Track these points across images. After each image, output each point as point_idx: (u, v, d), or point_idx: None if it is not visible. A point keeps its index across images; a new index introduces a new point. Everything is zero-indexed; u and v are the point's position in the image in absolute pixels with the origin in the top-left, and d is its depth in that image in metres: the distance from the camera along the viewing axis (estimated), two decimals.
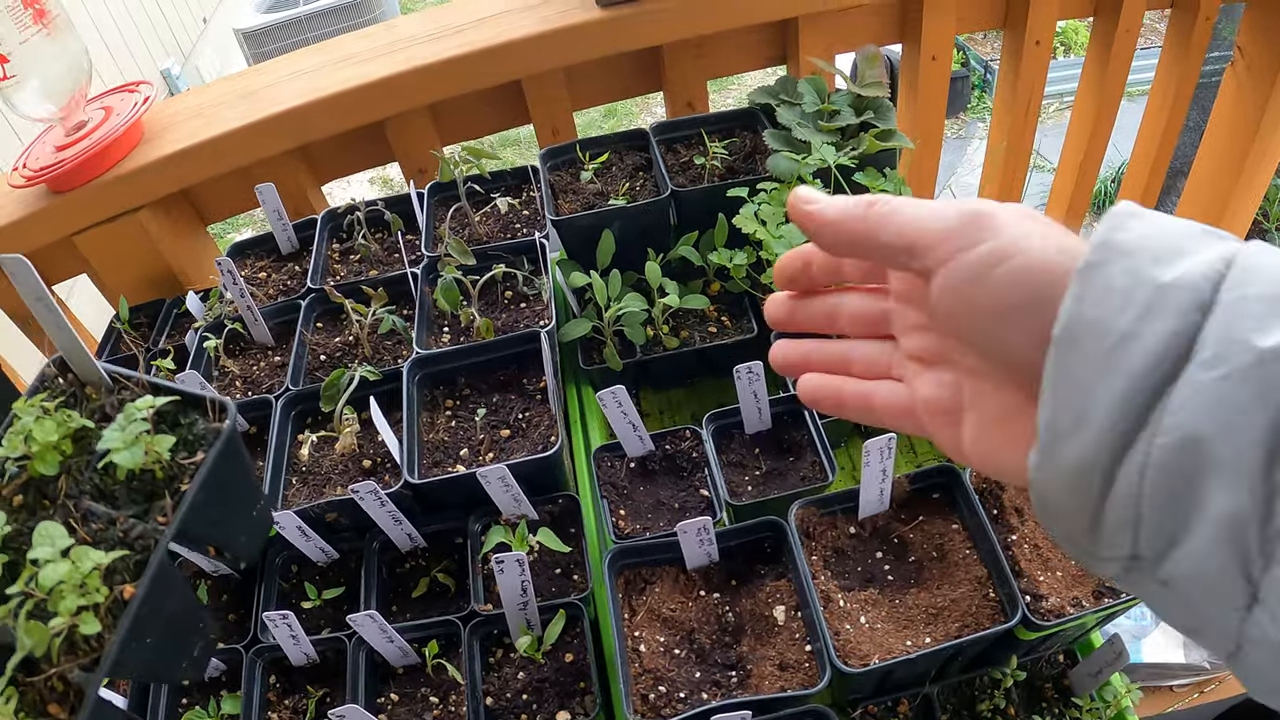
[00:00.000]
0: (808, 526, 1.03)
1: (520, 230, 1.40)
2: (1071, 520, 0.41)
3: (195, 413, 0.79)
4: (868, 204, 0.50)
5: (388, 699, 1.04)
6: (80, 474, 0.75)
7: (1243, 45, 2.04)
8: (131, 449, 0.72)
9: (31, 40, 1.35)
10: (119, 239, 1.54)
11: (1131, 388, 0.38)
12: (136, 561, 0.69)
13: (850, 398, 0.56)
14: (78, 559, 0.66)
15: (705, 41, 1.64)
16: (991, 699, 0.98)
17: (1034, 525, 1.02)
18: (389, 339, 1.32)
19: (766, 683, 0.91)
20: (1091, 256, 0.40)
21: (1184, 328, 0.37)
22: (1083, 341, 0.39)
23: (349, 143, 1.65)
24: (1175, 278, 0.38)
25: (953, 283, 0.46)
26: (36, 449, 0.74)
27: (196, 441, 0.77)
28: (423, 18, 1.65)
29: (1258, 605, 0.36)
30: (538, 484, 1.11)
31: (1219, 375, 0.36)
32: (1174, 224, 0.41)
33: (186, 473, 0.75)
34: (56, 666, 0.65)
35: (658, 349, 1.31)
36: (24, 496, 0.75)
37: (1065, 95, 5.11)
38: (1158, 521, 0.38)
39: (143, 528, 0.71)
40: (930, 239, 0.47)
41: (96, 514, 0.73)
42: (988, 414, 0.49)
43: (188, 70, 5.65)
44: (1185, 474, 0.37)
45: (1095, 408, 0.39)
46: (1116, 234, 0.41)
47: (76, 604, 0.65)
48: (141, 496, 0.74)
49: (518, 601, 0.98)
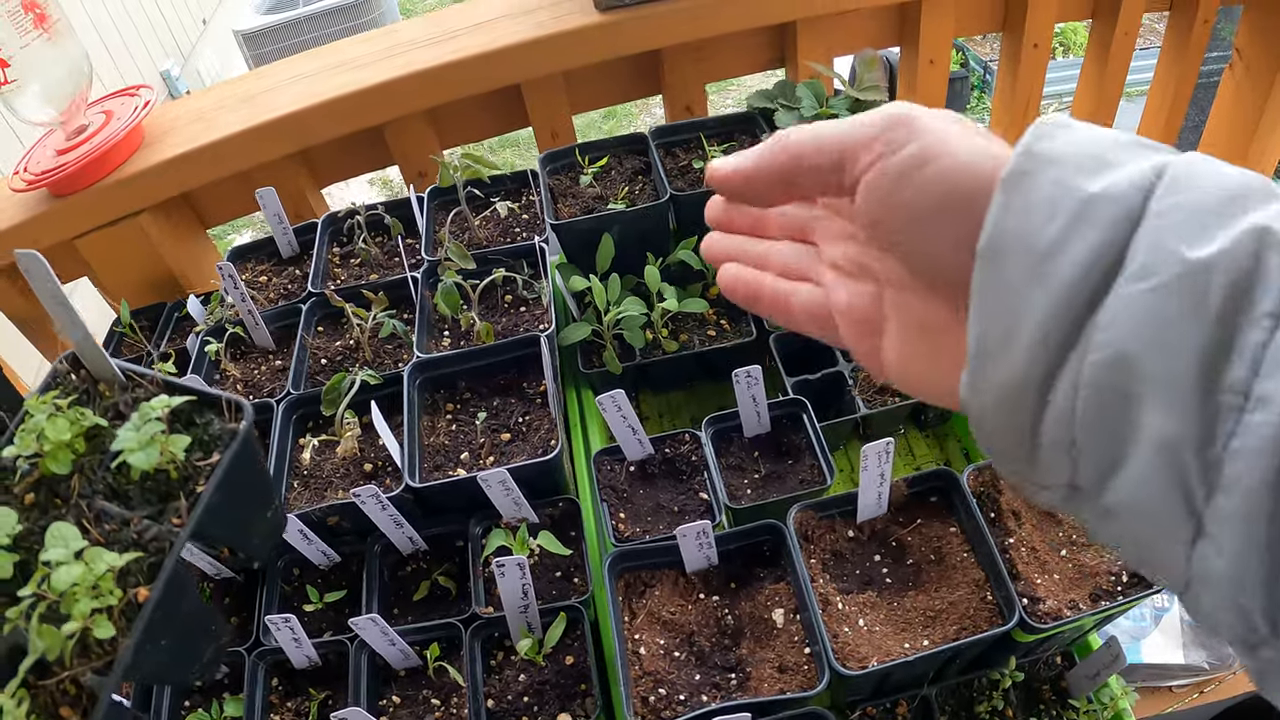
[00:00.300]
0: (806, 530, 1.03)
1: (520, 234, 1.40)
2: (1008, 443, 0.40)
3: (210, 412, 0.78)
4: (782, 136, 0.49)
5: (389, 701, 1.05)
6: (93, 473, 0.75)
7: (1241, 47, 2.05)
8: (146, 450, 0.71)
9: (32, 45, 1.35)
10: (120, 242, 1.55)
11: (1060, 301, 0.36)
12: (150, 564, 0.69)
13: (768, 294, 0.54)
14: (91, 561, 0.65)
15: (704, 45, 1.64)
16: (989, 701, 0.99)
17: (1031, 529, 1.02)
18: (389, 343, 1.32)
19: (766, 685, 0.91)
20: (1016, 165, 0.39)
21: (1113, 239, 0.36)
22: (1009, 254, 0.38)
23: (348, 147, 1.65)
24: (1104, 188, 0.37)
25: (877, 186, 0.45)
26: (49, 447, 0.74)
27: (212, 442, 0.76)
28: (422, 22, 1.65)
29: (1202, 539, 0.34)
30: (538, 487, 1.11)
31: (1148, 287, 0.34)
32: (1103, 134, 0.40)
33: (202, 473, 0.74)
34: (69, 669, 0.64)
35: (657, 352, 1.31)
36: (35, 495, 0.74)
37: (1064, 96, 5.12)
38: (1093, 445, 0.36)
39: (157, 529, 0.70)
40: (855, 146, 0.46)
41: (110, 514, 0.72)
42: (910, 325, 0.47)
43: (187, 71, 5.66)
44: (1119, 393, 0.35)
45: (1024, 323, 0.37)
46: (1042, 143, 0.39)
47: (90, 607, 0.64)
48: (156, 497, 0.74)
49: (518, 604, 0.99)
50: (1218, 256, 0.34)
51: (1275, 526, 0.32)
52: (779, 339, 1.28)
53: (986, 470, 1.06)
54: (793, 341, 1.28)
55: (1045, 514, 1.04)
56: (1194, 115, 3.39)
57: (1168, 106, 2.06)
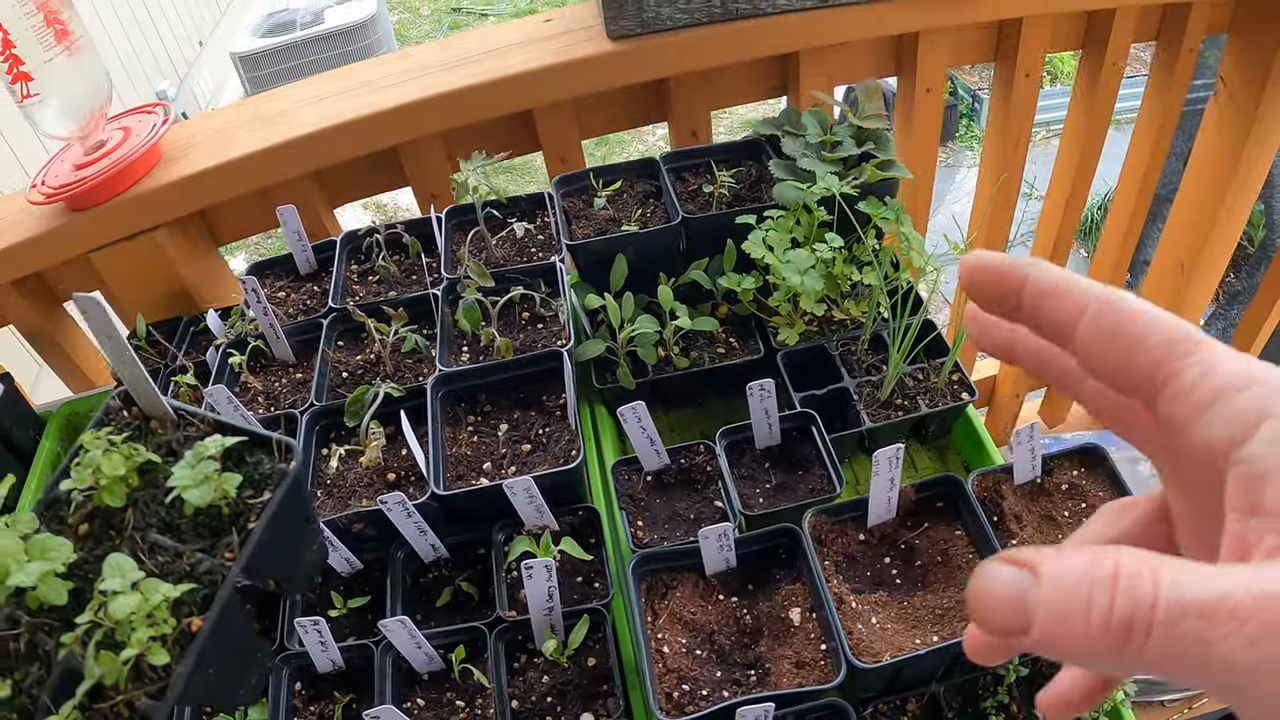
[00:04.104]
0: (820, 534, 1.08)
1: (536, 254, 1.45)
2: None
3: (261, 452, 0.82)
4: (1117, 299, 0.36)
5: (414, 704, 1.08)
6: (147, 507, 0.78)
7: (1225, 75, 2.11)
8: (201, 487, 0.75)
9: (55, 60, 1.39)
10: (135, 257, 1.58)
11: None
12: (204, 595, 0.72)
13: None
14: (147, 591, 0.68)
15: (710, 74, 1.70)
16: (995, 696, 1.03)
17: (1033, 530, 1.07)
18: (409, 357, 1.36)
19: (785, 680, 0.95)
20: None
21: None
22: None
23: (363, 167, 1.69)
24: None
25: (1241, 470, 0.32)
26: (104, 481, 0.77)
27: (263, 481, 0.80)
28: (437, 47, 1.70)
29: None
30: (559, 496, 1.15)
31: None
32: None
33: (252, 510, 0.78)
34: (124, 694, 0.67)
35: (669, 369, 1.36)
36: (90, 525, 0.78)
37: (1053, 124, 5.22)
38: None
39: (210, 563, 0.74)
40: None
41: (164, 547, 0.76)
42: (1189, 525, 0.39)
43: (183, 93, 5.72)
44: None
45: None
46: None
47: (147, 635, 0.67)
48: (208, 531, 0.77)
49: (544, 607, 1.02)
50: None
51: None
52: (786, 356, 1.32)
53: (989, 476, 1.10)
54: (800, 359, 1.33)
55: (1046, 517, 1.09)
56: (1182, 143, 3.48)
57: (1154, 134, 2.12)
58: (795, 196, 1.33)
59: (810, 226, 1.33)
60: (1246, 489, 0.31)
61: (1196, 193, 2.33)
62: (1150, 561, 0.28)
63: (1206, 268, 2.44)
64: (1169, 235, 2.48)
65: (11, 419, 1.51)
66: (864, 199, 1.33)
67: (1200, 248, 2.37)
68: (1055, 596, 0.29)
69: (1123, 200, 2.32)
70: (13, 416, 1.51)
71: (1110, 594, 0.28)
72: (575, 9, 1.70)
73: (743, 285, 1.33)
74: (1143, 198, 2.26)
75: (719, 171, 1.47)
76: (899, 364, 1.25)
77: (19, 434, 1.52)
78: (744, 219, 1.34)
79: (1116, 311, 0.36)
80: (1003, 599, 0.30)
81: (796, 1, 1.57)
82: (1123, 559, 0.29)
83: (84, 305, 0.76)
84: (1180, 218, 2.42)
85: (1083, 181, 2.16)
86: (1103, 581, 0.28)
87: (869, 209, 1.32)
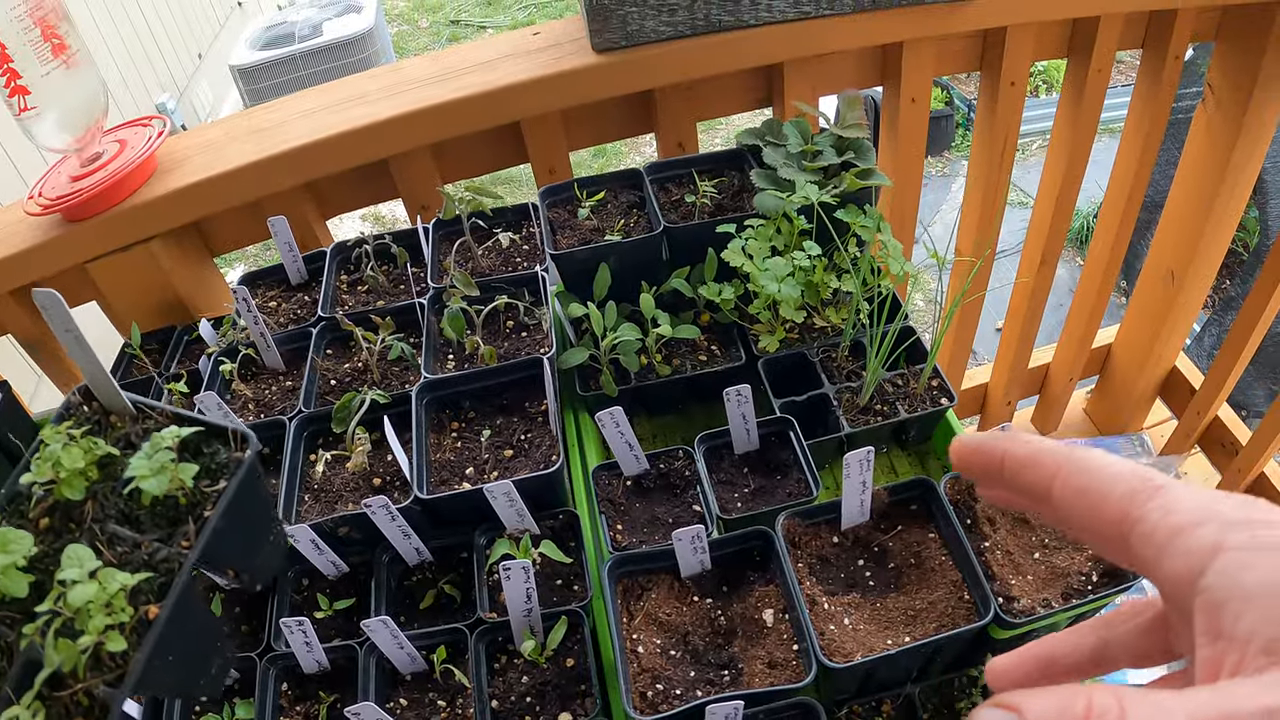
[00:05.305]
0: (793, 536, 1.09)
1: (521, 264, 1.47)
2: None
3: (217, 442, 0.83)
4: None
5: (397, 704, 1.09)
6: (106, 499, 0.79)
7: (1213, 82, 2.13)
8: (158, 477, 0.77)
9: (52, 74, 1.41)
10: (131, 268, 1.60)
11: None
12: (160, 583, 0.73)
13: None
14: (105, 580, 0.70)
15: (695, 85, 1.72)
16: (970, 697, 1.04)
17: (1006, 533, 1.08)
18: (396, 365, 1.38)
19: (757, 679, 0.97)
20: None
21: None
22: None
23: (354, 179, 1.72)
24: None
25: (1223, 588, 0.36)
26: (64, 475, 0.78)
27: (219, 470, 0.81)
28: (427, 60, 1.73)
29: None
30: (540, 500, 1.17)
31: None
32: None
33: (209, 499, 0.79)
34: (83, 682, 0.68)
35: (651, 376, 1.38)
36: (50, 519, 0.79)
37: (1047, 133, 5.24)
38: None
39: (167, 551, 0.75)
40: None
41: (122, 537, 0.77)
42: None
43: (183, 105, 5.77)
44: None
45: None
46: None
47: (104, 623, 0.68)
48: (165, 521, 0.78)
49: (522, 608, 1.04)
50: None
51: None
52: (767, 364, 1.34)
53: (963, 479, 1.12)
54: (780, 366, 1.35)
55: (1019, 519, 1.11)
56: (1174, 151, 3.49)
57: (1142, 141, 2.14)
58: (775, 205, 1.35)
59: (790, 235, 1.35)
60: (1209, 616, 0.35)
61: (1185, 200, 2.35)
62: (1119, 695, 0.32)
63: (1196, 275, 2.46)
64: (1158, 242, 2.49)
65: (9, 428, 1.53)
66: (843, 207, 1.35)
67: (1190, 255, 2.39)
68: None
69: (1111, 207, 2.33)
70: (11, 425, 1.53)
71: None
72: (563, 21, 1.73)
73: (724, 294, 1.35)
74: (1131, 205, 2.28)
75: (701, 182, 1.49)
76: (877, 370, 1.27)
77: (17, 443, 1.53)
78: (725, 228, 1.36)
79: (1083, 472, 0.41)
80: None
81: (779, 13, 1.60)
82: (1095, 697, 0.32)
83: (43, 302, 0.78)
84: (1169, 225, 2.44)
85: (1071, 187, 2.18)
86: (1076, 719, 0.32)
87: (847, 217, 1.34)
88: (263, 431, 1.31)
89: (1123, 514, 0.39)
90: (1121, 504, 0.39)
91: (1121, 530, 0.39)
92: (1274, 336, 3.47)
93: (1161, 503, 0.38)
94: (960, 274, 2.35)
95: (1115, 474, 0.40)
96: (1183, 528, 0.37)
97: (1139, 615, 0.45)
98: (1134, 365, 2.80)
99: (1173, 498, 0.38)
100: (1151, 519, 0.38)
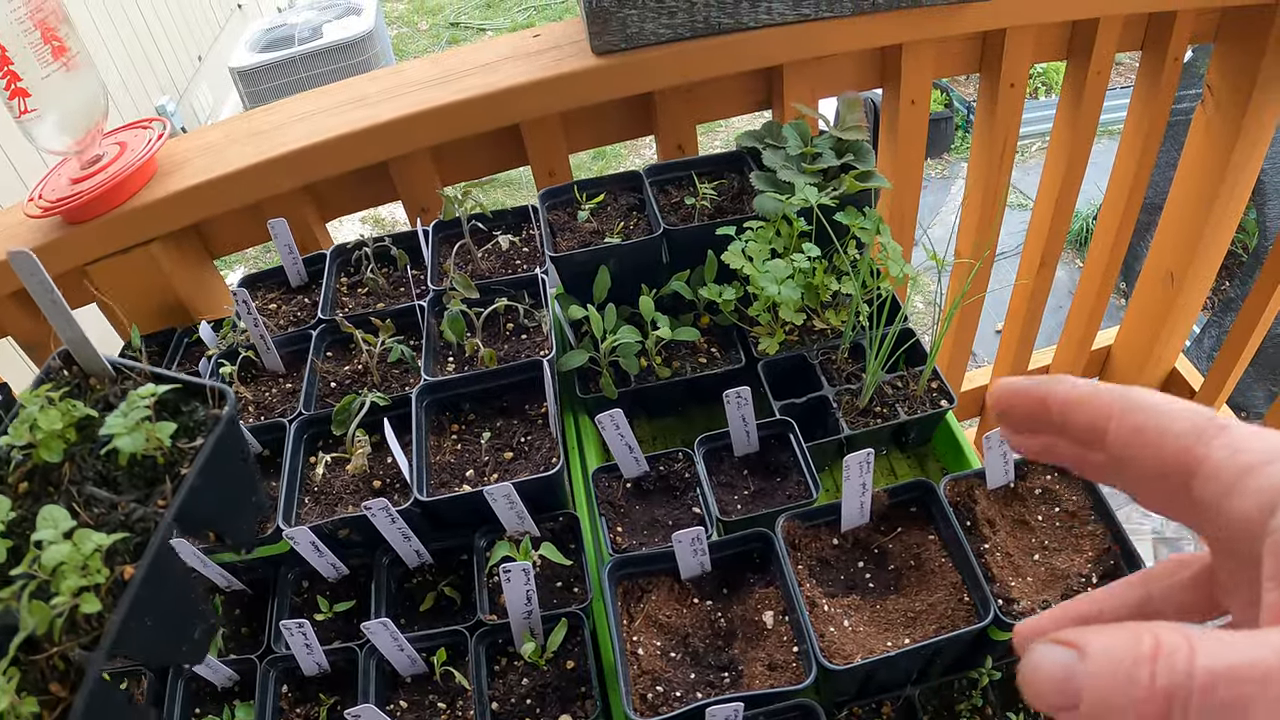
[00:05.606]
0: (793, 538, 1.09)
1: (520, 266, 1.47)
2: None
3: (195, 401, 0.82)
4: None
5: (397, 706, 1.09)
6: (84, 461, 0.78)
7: (1212, 83, 2.13)
8: (133, 434, 0.75)
9: (52, 76, 1.42)
10: (130, 270, 1.60)
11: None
12: (137, 544, 0.72)
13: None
14: (79, 541, 0.68)
15: (694, 88, 1.72)
16: (969, 699, 1.04)
17: (1005, 535, 1.08)
18: (395, 367, 1.39)
19: (757, 681, 0.97)
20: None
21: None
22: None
23: (354, 182, 1.72)
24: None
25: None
26: (41, 437, 0.77)
27: (196, 428, 0.80)
28: (427, 63, 1.73)
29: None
30: (540, 502, 1.17)
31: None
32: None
33: (186, 458, 0.77)
34: (58, 645, 0.67)
35: (651, 378, 1.38)
36: (29, 483, 0.78)
37: (1047, 135, 5.25)
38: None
39: (143, 511, 0.74)
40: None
41: (99, 498, 0.75)
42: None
43: (183, 107, 5.77)
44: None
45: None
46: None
47: (78, 584, 0.67)
48: (143, 482, 0.77)
49: (522, 610, 1.04)
50: None
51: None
52: (767, 366, 1.34)
53: (962, 481, 1.12)
54: (780, 368, 1.35)
55: (1019, 521, 1.11)
56: (1174, 152, 3.49)
57: (1141, 143, 2.14)
58: (774, 208, 1.35)
59: (790, 237, 1.35)
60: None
61: (1186, 201, 2.35)
62: (1188, 633, 0.30)
63: (1196, 276, 2.46)
64: (1158, 244, 2.50)
65: None
66: (843, 209, 1.36)
67: (1189, 256, 2.39)
68: (1100, 674, 0.31)
69: (1110, 209, 2.34)
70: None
71: (1151, 668, 0.30)
72: (563, 24, 1.73)
73: (723, 296, 1.35)
74: (1130, 206, 2.28)
75: (701, 184, 1.49)
76: (877, 372, 1.27)
77: None
78: (724, 230, 1.36)
79: (1141, 409, 0.39)
80: (1052, 679, 0.32)
81: (779, 16, 1.60)
82: (1161, 634, 0.30)
83: (18, 263, 0.76)
84: (1169, 226, 2.44)
85: (1070, 189, 2.18)
86: (1144, 657, 0.30)
87: (847, 219, 1.34)
88: (263, 434, 1.32)
89: (1185, 451, 0.37)
90: (1184, 442, 0.37)
91: (1183, 470, 0.37)
92: (1273, 338, 3.48)
93: (1228, 440, 0.36)
94: (960, 276, 2.35)
95: (1177, 411, 0.38)
96: (1252, 466, 0.35)
97: (1184, 569, 0.44)
98: (1134, 367, 2.80)
99: (1239, 435, 0.36)
100: (1217, 457, 0.36)
